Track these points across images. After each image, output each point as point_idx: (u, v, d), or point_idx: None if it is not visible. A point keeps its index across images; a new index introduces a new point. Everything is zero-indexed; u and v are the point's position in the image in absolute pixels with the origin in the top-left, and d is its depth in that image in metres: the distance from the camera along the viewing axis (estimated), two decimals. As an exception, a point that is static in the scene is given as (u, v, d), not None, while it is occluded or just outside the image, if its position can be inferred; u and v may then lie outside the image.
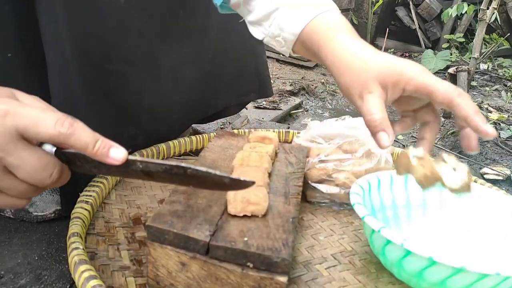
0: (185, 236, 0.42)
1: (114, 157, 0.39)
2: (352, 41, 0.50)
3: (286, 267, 0.41)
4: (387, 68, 0.47)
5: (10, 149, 0.37)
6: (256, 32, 0.60)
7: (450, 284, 0.45)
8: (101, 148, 0.39)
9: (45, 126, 0.37)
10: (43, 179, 0.39)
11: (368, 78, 0.47)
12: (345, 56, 0.49)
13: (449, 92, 0.44)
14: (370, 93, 0.47)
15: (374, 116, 0.46)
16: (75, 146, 0.38)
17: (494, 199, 0.61)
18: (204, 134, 0.86)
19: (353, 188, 0.56)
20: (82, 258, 0.45)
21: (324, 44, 0.51)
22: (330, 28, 0.51)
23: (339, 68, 0.50)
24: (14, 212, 0.64)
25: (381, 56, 0.48)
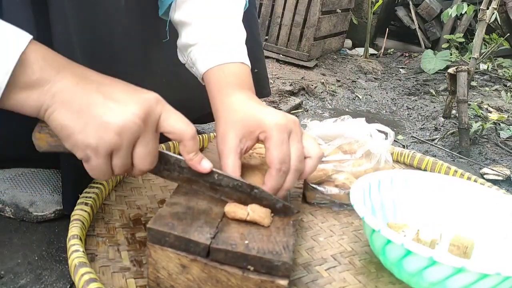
0: (186, 239, 0.42)
1: (203, 166, 0.47)
2: (234, 95, 0.56)
3: (286, 270, 0.41)
4: (247, 119, 0.52)
5: (150, 128, 0.44)
6: (180, 56, 0.66)
7: (450, 283, 0.46)
8: (198, 158, 0.47)
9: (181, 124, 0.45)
10: (148, 163, 0.45)
11: (227, 130, 0.53)
12: (220, 109, 0.55)
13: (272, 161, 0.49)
14: (224, 145, 0.52)
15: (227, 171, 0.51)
16: (187, 147, 0.46)
17: (494, 199, 0.61)
18: (204, 134, 0.86)
19: (353, 188, 0.56)
20: (82, 261, 0.45)
21: (213, 94, 0.58)
22: (224, 80, 0.57)
23: (216, 118, 0.56)
24: (14, 212, 0.64)
25: (249, 108, 0.53)
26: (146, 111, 0.43)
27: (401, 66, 2.64)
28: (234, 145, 0.52)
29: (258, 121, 0.51)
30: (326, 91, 1.90)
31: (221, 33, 0.61)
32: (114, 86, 0.45)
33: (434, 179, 0.65)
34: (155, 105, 0.44)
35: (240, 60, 0.59)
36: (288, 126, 0.51)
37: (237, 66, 0.59)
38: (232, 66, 0.58)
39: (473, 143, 1.41)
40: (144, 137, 0.43)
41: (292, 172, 0.51)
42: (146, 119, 0.43)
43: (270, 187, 0.50)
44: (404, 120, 1.69)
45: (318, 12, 2.26)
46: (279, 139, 0.50)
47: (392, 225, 0.60)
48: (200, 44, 0.60)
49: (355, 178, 0.67)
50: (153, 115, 0.44)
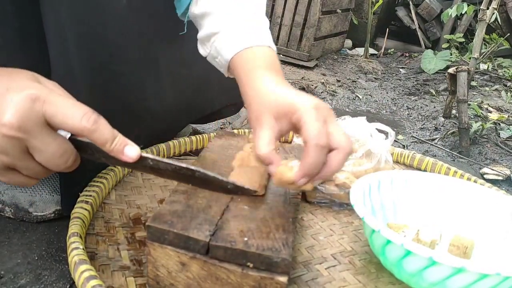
0: (185, 236, 0.42)
1: (128, 154, 0.42)
2: (265, 78, 0.53)
3: (286, 267, 0.41)
4: (281, 102, 0.49)
5: (35, 133, 0.38)
6: (201, 49, 0.63)
7: (450, 284, 0.45)
8: (118, 146, 0.41)
9: (72, 118, 0.39)
10: (59, 165, 0.41)
11: (262, 111, 0.50)
12: (251, 90, 0.53)
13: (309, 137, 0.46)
14: (260, 127, 0.49)
15: (259, 152, 0.48)
16: (96, 141, 0.41)
17: (494, 200, 0.61)
18: (204, 134, 0.86)
19: (353, 188, 0.56)
20: (82, 258, 0.45)
21: (243, 77, 0.55)
22: (251, 64, 0.55)
23: (246, 101, 0.54)
24: (14, 212, 0.64)
25: (281, 90, 0.50)
26: (20, 118, 0.37)
27: (401, 66, 2.64)
28: (271, 126, 0.49)
29: (292, 104, 0.48)
30: (326, 91, 1.90)
31: (245, 19, 0.59)
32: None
33: (434, 179, 0.65)
34: (31, 106, 0.38)
35: (267, 44, 0.57)
36: (323, 110, 0.48)
37: (264, 50, 0.57)
38: (259, 49, 0.56)
39: (473, 143, 1.41)
40: (33, 143, 0.39)
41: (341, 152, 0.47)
42: (22, 126, 0.38)
43: (308, 163, 0.46)
44: (404, 120, 1.69)
45: (318, 12, 2.27)
46: (315, 117, 0.46)
47: (392, 225, 0.60)
48: (224, 31, 0.58)
49: (355, 177, 0.67)
50: (32, 118, 0.38)
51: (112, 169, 0.67)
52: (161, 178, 0.72)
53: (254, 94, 0.52)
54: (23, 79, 0.41)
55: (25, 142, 0.39)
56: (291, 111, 0.48)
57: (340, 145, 0.47)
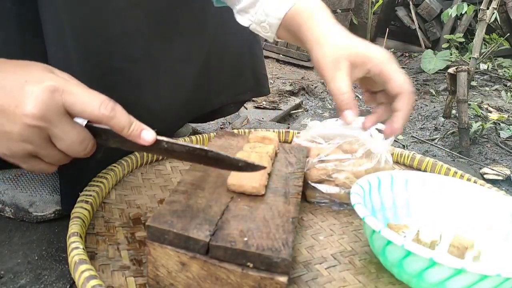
0: (185, 236, 0.42)
1: (145, 138, 0.44)
2: (329, 22, 0.55)
3: (286, 267, 0.41)
4: (358, 49, 0.52)
5: (56, 122, 0.41)
6: (242, 20, 0.64)
7: (451, 285, 0.45)
8: (135, 130, 0.44)
9: (91, 106, 0.41)
10: (79, 151, 0.43)
11: (339, 55, 0.52)
12: (321, 33, 0.54)
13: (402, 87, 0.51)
14: (340, 70, 0.51)
15: (343, 96, 0.51)
16: (114, 127, 0.43)
17: (494, 200, 0.61)
18: (204, 134, 0.86)
19: (354, 188, 0.56)
20: (82, 258, 0.45)
21: (304, 24, 0.56)
22: (310, 10, 0.56)
23: (314, 43, 0.54)
24: (14, 212, 0.64)
25: (354, 38, 0.54)
26: (42, 107, 0.40)
27: (401, 66, 2.64)
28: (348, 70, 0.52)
29: (368, 54, 0.52)
30: (326, 91, 1.90)
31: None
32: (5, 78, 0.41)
33: (434, 180, 0.65)
34: (51, 97, 0.40)
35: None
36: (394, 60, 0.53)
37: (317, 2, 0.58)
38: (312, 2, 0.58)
39: (473, 143, 1.41)
40: (54, 132, 0.41)
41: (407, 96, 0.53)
42: (45, 116, 0.40)
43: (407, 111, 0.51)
44: (404, 120, 1.69)
45: (318, 12, 2.26)
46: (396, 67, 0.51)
47: (392, 226, 0.60)
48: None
49: (355, 177, 0.67)
50: (53, 108, 0.40)
51: (112, 169, 0.67)
52: (161, 178, 0.72)
53: (325, 39, 0.54)
54: (39, 71, 0.42)
55: (47, 130, 0.41)
56: (369, 62, 0.52)
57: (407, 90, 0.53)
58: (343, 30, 0.55)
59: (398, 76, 0.51)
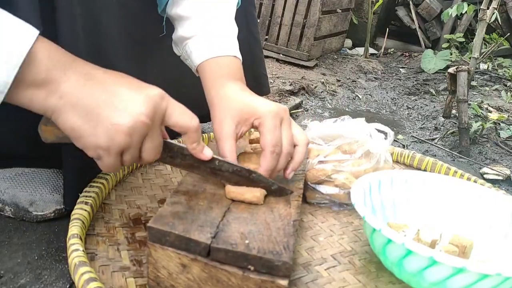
0: (186, 238, 0.42)
1: (206, 154, 0.50)
2: (228, 86, 0.59)
3: (287, 270, 0.41)
4: (243, 107, 0.56)
5: (157, 124, 0.45)
6: (175, 49, 0.69)
7: (451, 284, 0.45)
8: (201, 146, 0.50)
9: (185, 118, 0.47)
10: (153, 156, 0.47)
11: (223, 117, 0.56)
12: (215, 97, 0.59)
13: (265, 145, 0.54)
14: (222, 131, 0.56)
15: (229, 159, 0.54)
16: (191, 138, 0.48)
17: (494, 199, 0.61)
18: (204, 134, 0.86)
19: (354, 187, 0.56)
20: (82, 260, 0.45)
21: (208, 84, 0.61)
22: (217, 73, 0.61)
23: (210, 104, 0.60)
24: (14, 212, 0.64)
25: (244, 97, 0.57)
26: (153, 109, 0.44)
27: (401, 66, 2.64)
28: (231, 130, 0.55)
29: (253, 109, 0.55)
30: (326, 90, 1.90)
31: (215, 28, 0.64)
32: (119, 84, 0.45)
33: (434, 179, 0.65)
34: (160, 101, 0.45)
35: (232, 54, 0.63)
36: (279, 113, 0.55)
37: (230, 59, 0.63)
38: (225, 59, 0.62)
39: (473, 142, 1.41)
40: (151, 133, 0.45)
41: (284, 155, 0.55)
42: (153, 116, 0.44)
43: (265, 168, 0.54)
44: (404, 120, 1.69)
45: (318, 12, 2.26)
46: (272, 124, 0.54)
47: (392, 225, 0.60)
48: (196, 38, 0.64)
49: (354, 178, 0.67)
50: (159, 111, 0.45)
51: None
52: (161, 178, 0.72)
53: (217, 101, 0.58)
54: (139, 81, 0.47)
55: (149, 129, 0.45)
56: (253, 116, 0.55)
57: (298, 142, 0.57)
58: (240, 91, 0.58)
59: (266, 135, 0.53)
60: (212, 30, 0.64)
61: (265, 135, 0.54)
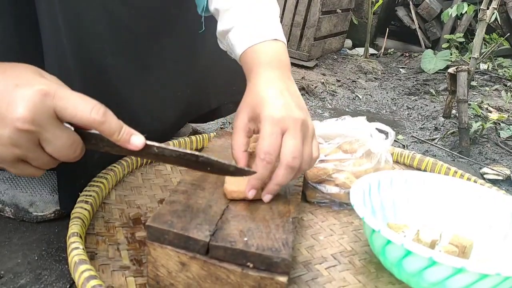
0: (185, 236, 0.42)
1: (134, 143, 0.44)
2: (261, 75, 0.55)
3: (286, 267, 0.41)
4: (257, 105, 0.53)
5: (47, 126, 0.40)
6: (221, 45, 0.67)
7: (450, 284, 0.45)
8: (124, 135, 0.43)
9: (82, 111, 0.41)
10: (68, 155, 0.43)
11: (240, 109, 0.54)
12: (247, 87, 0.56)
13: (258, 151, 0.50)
14: (236, 125, 0.54)
15: (234, 152, 0.53)
16: (104, 132, 0.43)
17: (494, 199, 0.61)
18: (204, 134, 0.86)
19: (353, 188, 0.56)
20: (82, 258, 0.45)
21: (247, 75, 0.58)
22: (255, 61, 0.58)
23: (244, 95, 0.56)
24: (14, 212, 0.64)
25: (266, 93, 0.53)
26: (32, 110, 0.39)
27: (401, 66, 2.64)
28: (243, 124, 0.53)
29: (260, 110, 0.52)
30: (326, 91, 1.90)
31: (254, 14, 0.61)
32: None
33: (434, 179, 0.65)
34: (42, 99, 0.40)
35: (272, 37, 0.59)
36: (284, 121, 0.50)
37: (269, 44, 0.59)
38: (264, 45, 0.58)
39: (473, 142, 1.41)
40: (44, 136, 0.41)
41: (283, 167, 0.50)
42: (35, 119, 0.39)
43: (255, 175, 0.49)
44: (404, 120, 1.69)
45: (318, 12, 2.27)
46: (269, 131, 0.50)
47: (392, 225, 0.60)
48: (235, 29, 0.61)
49: (355, 177, 0.67)
50: (43, 110, 0.40)
51: (112, 169, 0.67)
52: (161, 178, 0.72)
53: (247, 90, 0.56)
54: (30, 74, 0.42)
55: (37, 135, 0.40)
56: (258, 117, 0.52)
57: (282, 161, 0.50)
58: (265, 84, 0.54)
59: (261, 140, 0.50)
60: (250, 17, 0.61)
61: (259, 140, 0.50)
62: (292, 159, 0.49)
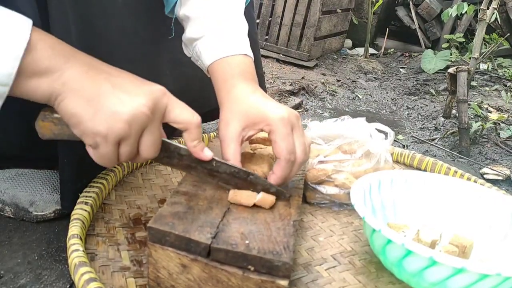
0: (187, 238, 0.42)
1: (206, 154, 0.50)
2: (239, 86, 0.57)
3: (287, 270, 0.41)
4: (251, 111, 0.54)
5: (157, 118, 0.46)
6: (185, 50, 0.68)
7: (451, 284, 0.45)
8: (200, 145, 0.49)
9: (186, 113, 0.48)
10: (151, 152, 0.47)
11: (230, 120, 0.55)
12: (225, 97, 0.58)
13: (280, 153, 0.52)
14: (227, 132, 0.54)
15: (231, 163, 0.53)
16: (192, 135, 0.48)
17: (494, 199, 0.61)
18: (204, 134, 0.86)
19: (354, 188, 0.56)
20: (82, 260, 0.45)
21: (219, 84, 0.59)
22: (228, 73, 0.59)
23: (220, 107, 0.58)
24: (14, 212, 0.64)
25: (255, 100, 0.56)
26: (154, 102, 0.45)
27: (401, 66, 2.64)
28: (236, 133, 0.54)
29: (263, 114, 0.54)
30: (326, 91, 1.90)
31: (225, 27, 0.63)
32: (122, 77, 0.46)
33: (434, 179, 0.65)
34: (161, 96, 0.46)
35: (243, 52, 0.61)
36: (291, 120, 0.53)
37: (241, 58, 0.61)
38: (236, 58, 0.60)
39: (473, 143, 1.41)
40: (151, 126, 0.45)
41: (298, 164, 0.54)
42: (153, 109, 0.44)
43: (280, 176, 0.53)
44: (404, 120, 1.69)
45: (318, 12, 2.26)
46: (285, 132, 0.52)
47: (392, 225, 0.60)
48: (205, 38, 0.62)
49: (355, 178, 0.67)
50: (160, 105, 0.45)
51: (112, 170, 0.67)
52: (161, 178, 0.72)
53: (226, 102, 0.57)
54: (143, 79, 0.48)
55: (149, 122, 0.45)
56: (263, 122, 0.54)
57: (298, 158, 0.54)
58: (250, 93, 0.56)
59: (280, 143, 0.52)
60: (221, 29, 0.62)
61: (279, 143, 0.52)
62: (304, 155, 0.54)
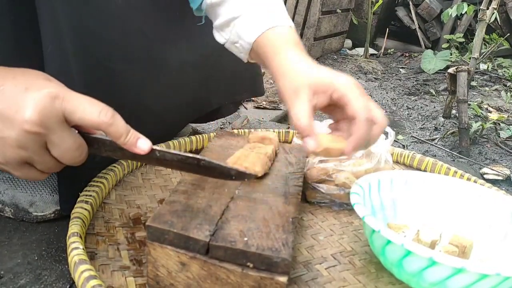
0: (185, 236, 0.42)
1: (140, 147, 0.44)
2: (295, 53, 0.55)
3: (286, 267, 0.41)
4: (320, 77, 0.52)
5: (55, 129, 0.41)
6: (219, 37, 0.65)
7: (450, 284, 0.45)
8: (131, 139, 0.44)
9: (90, 114, 0.41)
10: (74, 158, 0.43)
11: (299, 84, 0.51)
12: (285, 65, 0.54)
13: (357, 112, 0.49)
14: (299, 98, 0.51)
15: (299, 122, 0.50)
16: (111, 134, 0.43)
17: (494, 199, 0.61)
18: (204, 134, 0.86)
19: (353, 188, 0.56)
20: (82, 258, 0.45)
21: (271, 54, 0.56)
22: (279, 41, 0.57)
23: (278, 74, 0.55)
24: (14, 212, 0.64)
25: (319, 68, 0.53)
26: (41, 113, 0.40)
27: (401, 66, 2.64)
28: (309, 97, 0.51)
29: (330, 81, 0.51)
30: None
31: (261, 2, 0.61)
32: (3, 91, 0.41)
33: (434, 179, 0.65)
34: (51, 102, 0.40)
35: (287, 24, 0.59)
36: (360, 87, 0.52)
37: (287, 28, 0.58)
38: (282, 29, 0.58)
39: (473, 143, 1.41)
40: (52, 138, 0.41)
41: (378, 127, 0.51)
42: (43, 122, 0.40)
43: (359, 137, 0.49)
44: (404, 120, 1.69)
45: (318, 12, 2.27)
46: (358, 92, 0.50)
47: (392, 225, 0.60)
48: (245, 15, 0.60)
49: (355, 177, 0.67)
50: (52, 115, 0.40)
51: (112, 169, 0.67)
52: (161, 178, 0.72)
53: (288, 69, 0.54)
54: (39, 79, 0.43)
55: (45, 137, 0.41)
56: (331, 88, 0.51)
57: (378, 120, 0.51)
58: (308, 61, 0.55)
59: (356, 102, 0.50)
60: (259, 4, 0.60)
61: (353, 102, 0.49)
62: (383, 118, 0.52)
